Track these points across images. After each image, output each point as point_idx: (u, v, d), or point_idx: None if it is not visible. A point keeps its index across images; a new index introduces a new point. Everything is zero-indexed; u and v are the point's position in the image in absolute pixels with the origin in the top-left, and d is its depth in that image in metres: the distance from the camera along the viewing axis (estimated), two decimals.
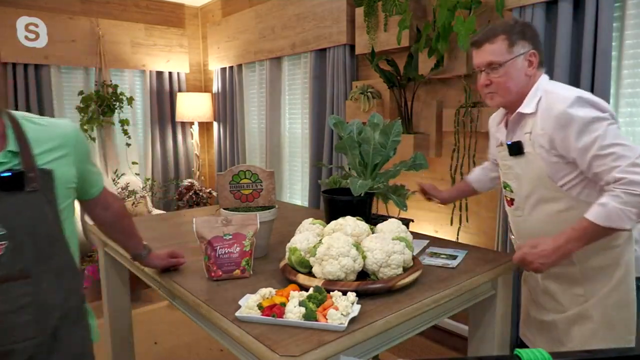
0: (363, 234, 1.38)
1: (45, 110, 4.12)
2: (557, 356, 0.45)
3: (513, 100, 1.43)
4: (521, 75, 1.40)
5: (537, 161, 1.37)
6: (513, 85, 1.40)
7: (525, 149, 1.40)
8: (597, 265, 1.38)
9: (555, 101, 1.32)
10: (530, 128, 1.38)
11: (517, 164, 1.44)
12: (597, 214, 1.24)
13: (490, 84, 1.42)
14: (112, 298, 2.11)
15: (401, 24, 2.64)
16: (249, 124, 4.46)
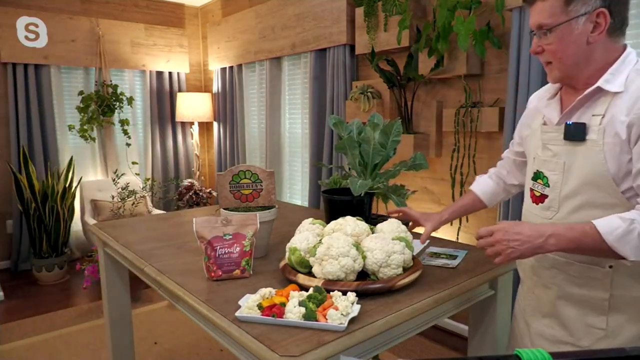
0: (363, 234, 1.38)
1: (46, 110, 4.12)
2: (557, 356, 0.45)
3: (574, 76, 1.11)
4: (580, 42, 1.05)
5: (600, 154, 1.04)
6: (569, 56, 1.07)
7: (588, 135, 1.06)
8: (629, 295, 1.08)
9: None
10: (605, 110, 1.04)
11: (569, 152, 1.10)
12: (611, 227, 0.97)
13: (542, 51, 1.10)
14: (112, 298, 2.11)
15: (401, 24, 2.64)
16: (249, 124, 4.46)
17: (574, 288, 1.14)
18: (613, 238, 0.97)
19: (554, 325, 1.20)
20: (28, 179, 3.74)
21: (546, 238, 1.01)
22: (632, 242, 0.96)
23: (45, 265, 3.75)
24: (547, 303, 1.21)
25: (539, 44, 1.10)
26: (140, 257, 1.60)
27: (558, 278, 1.16)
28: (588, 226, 0.99)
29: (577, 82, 1.12)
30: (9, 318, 3.13)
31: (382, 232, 1.40)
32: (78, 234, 4.36)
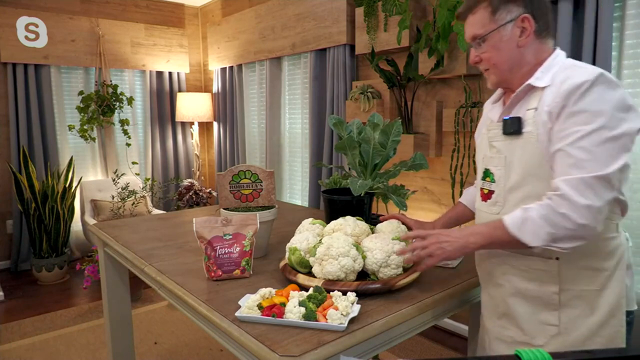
0: (363, 234, 1.38)
1: (46, 110, 4.12)
2: (557, 356, 0.45)
3: (509, 79, 1.18)
4: (511, 47, 1.13)
5: (537, 144, 1.09)
6: (502, 61, 1.15)
7: (524, 128, 1.12)
8: (578, 289, 1.10)
9: (578, 73, 1.03)
10: (537, 104, 1.10)
11: (509, 145, 1.16)
12: (514, 218, 1.04)
13: (480, 60, 1.19)
14: (112, 298, 2.11)
15: (401, 24, 2.64)
16: (249, 124, 4.46)
17: (525, 283, 1.16)
18: (513, 227, 1.04)
19: (509, 326, 1.20)
20: (28, 179, 3.74)
21: (467, 236, 1.11)
22: (528, 228, 1.02)
23: (45, 265, 3.75)
24: (501, 302, 1.22)
25: (476, 54, 1.19)
26: (140, 257, 1.60)
27: (509, 274, 1.19)
28: (499, 220, 1.06)
29: (514, 83, 1.18)
30: (9, 318, 3.13)
31: (382, 232, 1.40)
32: (78, 234, 4.36)
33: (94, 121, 4.25)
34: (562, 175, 1.01)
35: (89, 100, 4.22)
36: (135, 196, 3.97)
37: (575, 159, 1.00)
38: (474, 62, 1.20)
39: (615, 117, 0.99)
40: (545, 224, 1.00)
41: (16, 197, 3.81)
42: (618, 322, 1.12)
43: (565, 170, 1.01)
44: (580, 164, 0.99)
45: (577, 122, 1.00)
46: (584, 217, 0.98)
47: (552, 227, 1.00)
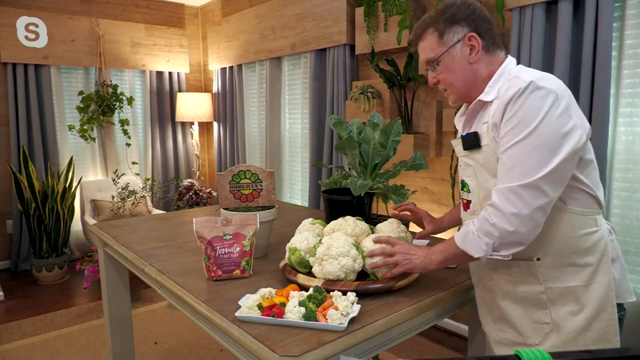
0: (363, 234, 1.38)
1: (46, 110, 4.12)
2: (557, 356, 0.45)
3: (467, 94, 1.22)
4: (463, 65, 1.18)
5: (494, 155, 1.12)
6: (457, 80, 1.19)
7: (482, 141, 1.15)
8: (564, 286, 1.12)
9: (516, 83, 1.07)
10: (488, 117, 1.14)
11: (474, 159, 1.19)
12: (460, 233, 1.13)
13: (437, 82, 1.24)
14: (112, 298, 2.11)
15: (401, 24, 2.64)
16: (249, 124, 4.46)
17: (511, 286, 1.18)
18: (459, 241, 1.12)
19: (505, 328, 1.23)
20: (28, 179, 3.74)
21: (430, 254, 1.19)
22: (470, 241, 1.10)
23: (45, 265, 3.75)
24: (495, 307, 1.24)
25: (433, 77, 1.24)
26: (140, 257, 1.60)
27: (496, 278, 1.21)
28: (452, 237, 1.14)
29: (472, 98, 1.21)
30: (9, 318, 3.13)
31: (382, 232, 1.40)
32: (78, 234, 4.36)
33: (94, 121, 4.25)
34: (498, 184, 1.07)
35: (89, 100, 4.22)
36: (135, 196, 3.97)
37: (506, 167, 1.06)
38: (432, 83, 1.25)
39: (545, 122, 1.01)
40: (482, 235, 1.08)
41: (16, 197, 3.81)
42: (609, 316, 1.13)
43: (500, 178, 1.07)
44: (509, 172, 1.05)
45: (510, 131, 1.05)
46: (513, 224, 1.04)
47: (488, 237, 1.07)
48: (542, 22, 2.17)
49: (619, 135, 2.09)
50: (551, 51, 2.19)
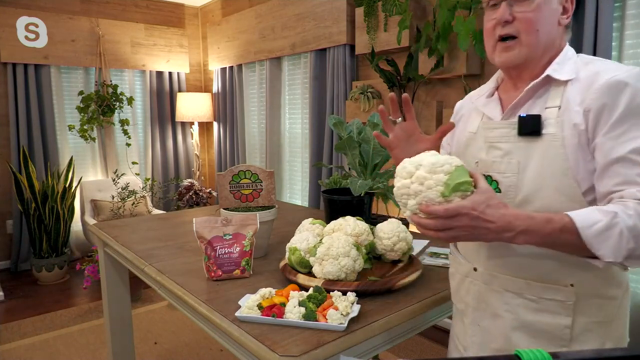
0: (363, 234, 1.38)
1: (46, 110, 4.12)
2: (557, 356, 0.45)
3: (536, 59, 0.96)
4: (554, 20, 0.94)
5: (561, 149, 0.89)
6: (543, 32, 0.93)
7: (545, 129, 0.91)
8: (589, 321, 0.95)
9: (609, 69, 0.89)
10: (559, 101, 0.92)
11: (523, 149, 0.94)
12: (590, 220, 0.81)
13: (512, 20, 0.93)
14: (112, 298, 2.11)
15: (401, 24, 2.64)
16: (249, 124, 4.46)
17: (533, 315, 0.96)
18: (591, 233, 0.81)
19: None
20: (28, 179, 3.74)
21: (516, 234, 0.82)
22: (611, 240, 0.80)
23: (45, 265, 3.75)
24: (499, 336, 1.01)
25: (511, 13, 0.93)
26: (140, 257, 1.60)
27: (512, 303, 0.97)
28: (567, 218, 0.82)
29: (532, 70, 0.97)
30: (9, 318, 3.13)
31: (382, 231, 1.41)
32: (78, 234, 4.36)
33: (94, 121, 4.26)
34: (634, 185, 0.83)
35: (89, 100, 4.22)
36: (135, 196, 3.97)
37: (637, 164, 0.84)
38: (503, 19, 0.93)
39: None
40: (630, 236, 0.80)
41: (16, 197, 3.81)
42: None
43: (633, 179, 0.84)
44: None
45: (635, 125, 0.85)
46: None
47: (635, 242, 0.80)
48: None
49: None
50: None
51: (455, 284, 1.12)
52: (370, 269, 1.38)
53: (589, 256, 0.83)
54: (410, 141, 1.05)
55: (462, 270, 1.08)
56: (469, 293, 1.06)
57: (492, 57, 0.99)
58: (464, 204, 0.81)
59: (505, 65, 0.98)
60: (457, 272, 1.11)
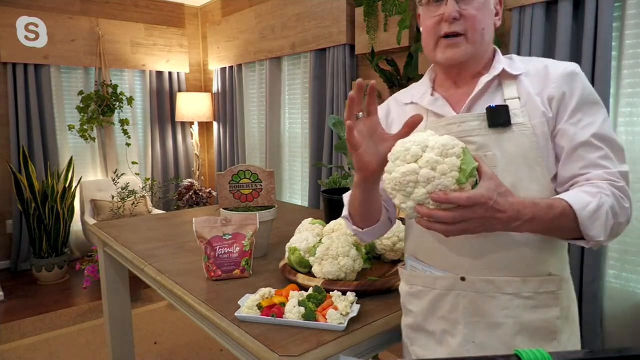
0: None
1: (46, 110, 4.12)
2: (557, 356, 0.45)
3: (478, 56, 0.96)
4: (491, 20, 0.97)
5: (533, 137, 0.90)
6: (486, 30, 0.94)
7: (513, 120, 0.91)
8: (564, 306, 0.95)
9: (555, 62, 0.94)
10: (517, 93, 0.93)
11: (496, 141, 0.91)
12: (583, 203, 0.81)
13: (460, 18, 0.91)
14: (112, 298, 2.11)
15: (401, 24, 2.64)
16: (249, 124, 4.46)
17: (530, 314, 0.91)
18: (585, 215, 0.81)
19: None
20: (28, 179, 3.74)
21: (523, 223, 0.79)
22: (600, 220, 0.82)
23: (45, 265, 3.75)
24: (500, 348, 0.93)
25: (460, 9, 0.91)
26: (140, 257, 1.60)
27: (512, 306, 0.91)
28: (564, 202, 0.82)
29: (474, 68, 0.97)
30: (9, 318, 3.13)
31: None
32: (78, 234, 4.36)
33: (94, 121, 4.26)
34: (598, 168, 0.87)
35: (89, 100, 4.22)
36: (135, 196, 3.97)
37: (604, 151, 0.87)
38: (452, 17, 0.91)
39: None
40: (612, 215, 0.83)
41: (16, 197, 3.81)
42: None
43: (596, 162, 0.87)
44: (608, 156, 0.88)
45: (590, 111, 0.89)
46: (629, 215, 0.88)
47: (615, 219, 0.84)
48: (542, 22, 2.17)
49: (619, 135, 2.09)
50: (551, 51, 2.19)
51: (429, 303, 0.98)
52: (370, 269, 1.38)
53: (574, 238, 0.85)
54: (373, 139, 0.89)
55: (441, 284, 0.95)
56: (457, 309, 0.94)
57: (434, 55, 0.96)
58: (481, 192, 0.74)
59: (449, 62, 0.94)
60: (433, 288, 0.96)
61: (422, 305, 0.99)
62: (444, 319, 0.96)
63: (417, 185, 0.74)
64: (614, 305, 2.10)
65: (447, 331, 0.96)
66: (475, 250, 0.92)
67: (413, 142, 0.77)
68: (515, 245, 0.90)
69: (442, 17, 0.92)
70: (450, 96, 0.99)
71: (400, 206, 0.78)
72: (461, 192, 0.73)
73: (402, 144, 0.78)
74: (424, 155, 0.75)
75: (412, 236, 1.03)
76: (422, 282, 0.99)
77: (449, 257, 0.95)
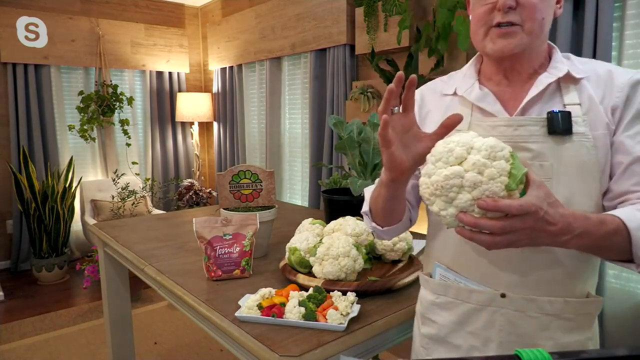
0: (363, 234, 1.38)
1: (46, 110, 4.12)
2: (557, 356, 0.45)
3: (534, 49, 0.87)
4: (552, 10, 0.86)
5: (593, 150, 0.81)
6: (545, 20, 0.84)
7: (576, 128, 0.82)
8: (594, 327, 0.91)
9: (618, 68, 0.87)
10: (579, 99, 0.84)
11: (554, 150, 0.83)
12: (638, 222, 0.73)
13: (516, 6, 0.82)
14: (112, 298, 2.11)
15: (401, 24, 2.64)
16: (249, 124, 4.46)
17: (568, 336, 0.86)
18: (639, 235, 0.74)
19: None
20: (28, 179, 3.74)
21: (572, 238, 0.71)
22: None
23: (45, 265, 3.75)
24: None
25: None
26: (140, 257, 1.60)
27: (552, 327, 0.86)
28: (617, 219, 0.74)
29: (529, 61, 0.88)
30: (9, 318, 3.13)
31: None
32: (78, 234, 4.36)
33: (94, 121, 4.25)
34: None
35: (89, 100, 4.22)
36: (135, 196, 3.97)
37: None
38: (507, 5, 0.81)
39: None
40: None
41: (16, 197, 3.81)
42: None
43: None
44: None
45: None
46: None
47: None
48: None
49: None
50: None
51: (459, 317, 0.91)
52: (370, 269, 1.38)
53: (623, 260, 0.77)
54: (407, 137, 0.82)
55: (477, 298, 0.88)
56: (492, 326, 0.87)
57: (483, 45, 0.87)
58: (531, 200, 0.66)
59: (502, 53, 0.85)
60: (466, 301, 0.90)
61: (449, 318, 0.93)
62: (475, 335, 0.90)
63: (462, 190, 0.67)
64: (614, 305, 2.10)
65: (476, 347, 0.90)
66: (517, 265, 0.85)
67: (457, 142, 0.69)
68: (559, 262, 0.84)
69: (495, 5, 0.83)
70: (500, 92, 0.90)
71: (440, 213, 0.70)
72: (511, 199, 0.66)
73: (444, 144, 0.71)
74: (469, 157, 0.68)
75: (445, 242, 0.94)
76: (453, 294, 0.91)
77: (488, 270, 0.87)
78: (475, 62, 0.97)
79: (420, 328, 1.00)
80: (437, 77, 2.97)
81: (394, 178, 0.83)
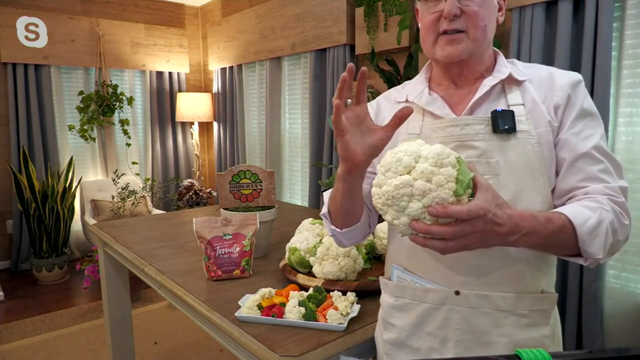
0: None
1: (46, 110, 4.12)
2: (557, 356, 0.45)
3: (479, 55, 0.92)
4: (494, 16, 0.91)
5: (537, 147, 0.86)
6: (488, 27, 0.89)
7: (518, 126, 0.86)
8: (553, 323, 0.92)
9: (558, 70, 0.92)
10: (522, 99, 0.89)
11: (499, 147, 0.86)
12: (582, 218, 0.77)
13: (460, 15, 0.86)
14: (112, 298, 2.11)
15: (401, 24, 2.64)
16: (249, 124, 4.46)
17: (523, 332, 0.87)
18: (585, 231, 0.77)
19: None
20: (28, 179, 3.74)
21: (520, 237, 0.75)
22: (600, 237, 0.78)
23: (45, 265, 3.75)
24: None
25: (459, 6, 0.86)
26: (140, 257, 1.60)
27: (506, 324, 0.87)
28: (564, 216, 0.78)
29: (474, 66, 0.93)
30: (9, 318, 3.13)
31: (381, 231, 1.41)
32: (78, 234, 4.36)
33: (94, 121, 4.26)
34: (598, 182, 0.84)
35: (89, 100, 4.22)
36: (135, 196, 3.97)
37: (604, 164, 0.85)
38: (452, 13, 0.86)
39: None
40: (610, 232, 0.80)
41: (16, 197, 3.81)
42: None
43: (595, 175, 0.84)
44: (608, 170, 0.85)
45: (591, 123, 0.87)
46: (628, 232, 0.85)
47: (614, 237, 0.80)
48: (542, 22, 2.17)
49: (619, 135, 2.09)
50: (551, 51, 2.19)
51: (416, 318, 0.91)
52: (370, 269, 1.38)
53: (571, 255, 0.82)
54: (361, 129, 0.83)
55: (432, 297, 0.89)
56: (449, 324, 0.88)
57: (433, 52, 0.91)
58: (479, 204, 0.70)
59: (450, 59, 0.89)
60: (423, 301, 0.90)
61: (408, 320, 0.92)
62: (432, 335, 0.90)
63: (412, 198, 0.69)
64: (614, 305, 2.10)
65: (435, 349, 0.90)
66: (471, 265, 0.87)
67: (405, 151, 0.71)
68: (512, 261, 0.86)
69: (442, 13, 0.87)
70: (449, 96, 0.94)
71: (393, 222, 0.72)
72: (460, 204, 0.69)
73: (392, 154, 0.73)
74: (417, 165, 0.69)
75: (400, 244, 0.95)
76: (410, 294, 0.92)
77: (442, 270, 0.89)
78: (426, 69, 1.02)
79: (383, 334, 0.99)
80: None
81: (349, 169, 0.84)
